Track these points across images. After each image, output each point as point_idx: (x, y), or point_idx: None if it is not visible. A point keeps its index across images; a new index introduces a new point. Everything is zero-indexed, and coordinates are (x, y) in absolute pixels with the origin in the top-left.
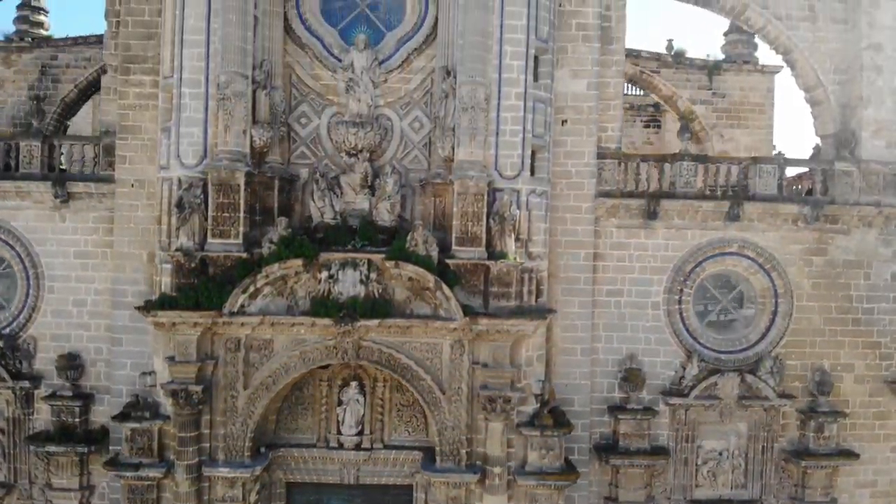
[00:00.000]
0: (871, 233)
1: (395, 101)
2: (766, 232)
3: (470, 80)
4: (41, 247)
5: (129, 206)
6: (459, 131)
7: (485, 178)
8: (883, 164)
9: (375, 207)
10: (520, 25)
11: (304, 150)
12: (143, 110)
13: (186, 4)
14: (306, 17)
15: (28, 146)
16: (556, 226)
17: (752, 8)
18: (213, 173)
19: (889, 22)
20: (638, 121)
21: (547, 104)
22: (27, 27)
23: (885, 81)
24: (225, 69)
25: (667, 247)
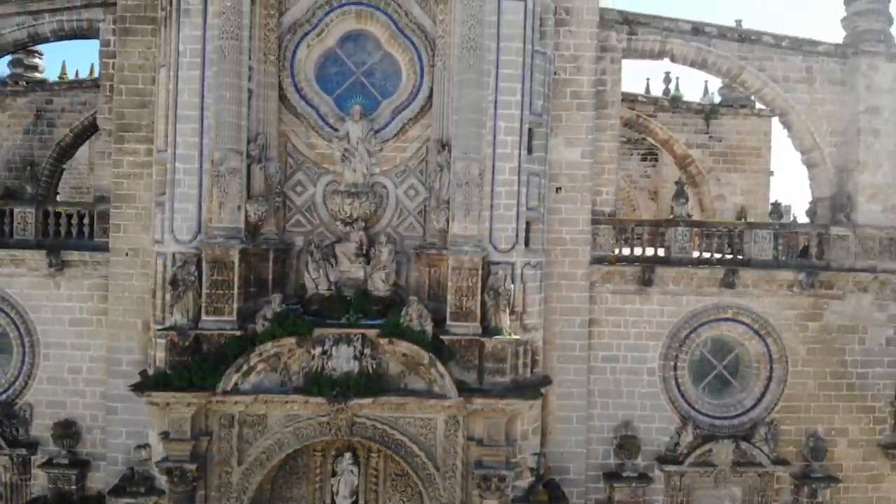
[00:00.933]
0: (866, 298)
1: (390, 169)
2: (762, 297)
3: (464, 156)
4: (36, 314)
5: (123, 274)
6: (454, 206)
7: (479, 252)
8: (879, 228)
9: (370, 277)
10: (514, 101)
11: (299, 218)
12: (137, 179)
13: (180, 79)
14: (301, 86)
15: (22, 213)
16: (551, 292)
17: (748, 70)
18: (208, 250)
19: (887, 85)
20: (635, 154)
21: (541, 176)
22: (21, 70)
23: (882, 145)
24: (219, 146)
25: (662, 312)
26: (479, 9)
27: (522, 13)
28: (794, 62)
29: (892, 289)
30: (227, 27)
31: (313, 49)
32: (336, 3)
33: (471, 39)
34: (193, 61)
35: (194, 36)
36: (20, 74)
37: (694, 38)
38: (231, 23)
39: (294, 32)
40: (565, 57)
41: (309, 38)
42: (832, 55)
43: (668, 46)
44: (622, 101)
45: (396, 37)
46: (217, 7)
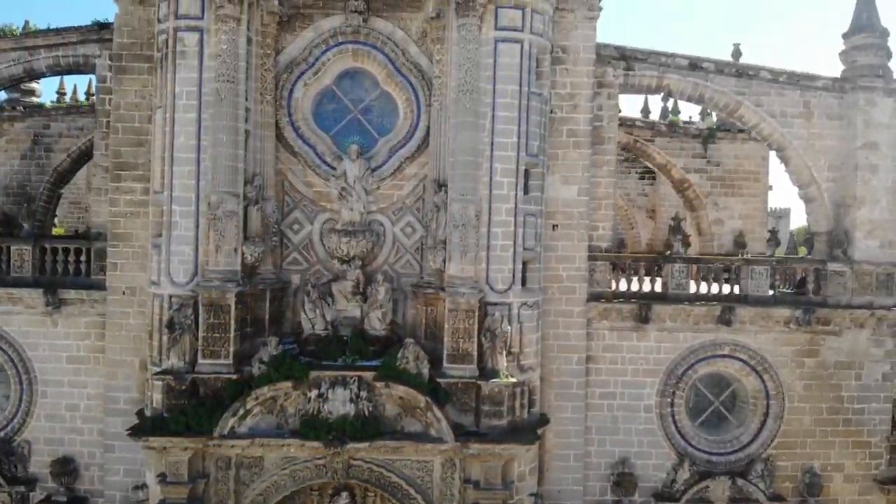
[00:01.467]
0: (862, 333)
1: (387, 206)
2: (759, 334)
3: (461, 197)
4: (34, 352)
5: (120, 313)
6: (451, 247)
7: (476, 294)
8: (876, 264)
9: (367, 316)
10: (510, 143)
11: (296, 256)
12: (134, 217)
13: (177, 121)
14: (298, 125)
15: (19, 250)
16: (548, 330)
17: (745, 105)
18: (204, 294)
19: (885, 120)
20: (633, 172)
21: (538, 216)
22: (18, 95)
23: (879, 181)
24: (216, 189)
25: (659, 349)
26: (475, 51)
27: (518, 55)
28: (791, 97)
29: (888, 324)
30: (224, 70)
31: (310, 87)
32: (333, 42)
33: (467, 83)
34: (190, 104)
35: (190, 78)
36: (17, 99)
37: (691, 73)
38: (228, 65)
39: (291, 71)
40: (562, 95)
41: (306, 77)
42: (830, 90)
43: (665, 82)
44: (619, 126)
45: (393, 76)
46: (213, 49)
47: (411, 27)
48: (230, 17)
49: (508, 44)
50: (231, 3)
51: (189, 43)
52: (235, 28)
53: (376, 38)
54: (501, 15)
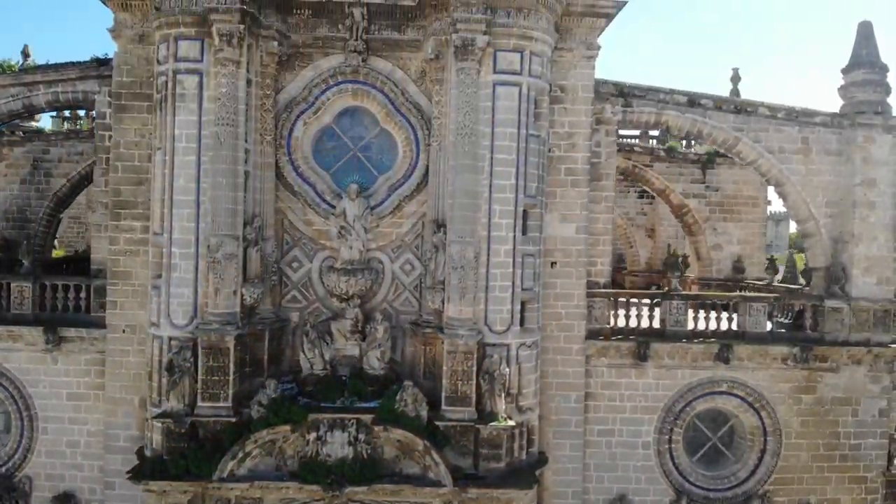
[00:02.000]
0: (859, 370)
1: (386, 244)
2: (756, 371)
3: (460, 239)
4: (34, 388)
5: (119, 351)
6: (450, 288)
7: (474, 335)
8: (873, 301)
9: (366, 355)
10: (509, 185)
11: (295, 294)
12: (133, 256)
13: (176, 164)
14: (298, 164)
15: (19, 287)
16: (546, 367)
17: (743, 142)
18: (203, 337)
19: (884, 157)
20: (632, 191)
21: (536, 256)
22: (18, 120)
23: (877, 218)
24: (215, 232)
25: (657, 386)
26: (473, 95)
27: (517, 99)
28: (790, 133)
29: (885, 361)
30: (224, 113)
31: (310, 126)
32: (333, 81)
33: (466, 126)
34: (189, 146)
35: (190, 121)
36: (17, 124)
37: (689, 109)
38: (227, 109)
39: (291, 111)
40: (560, 134)
41: (305, 116)
42: (828, 126)
43: (664, 118)
44: (618, 152)
45: (393, 115)
46: (213, 92)
47: (410, 67)
48: (230, 60)
49: (507, 87)
50: (230, 47)
51: (188, 86)
52: (235, 71)
53: (375, 78)
54: (500, 58)
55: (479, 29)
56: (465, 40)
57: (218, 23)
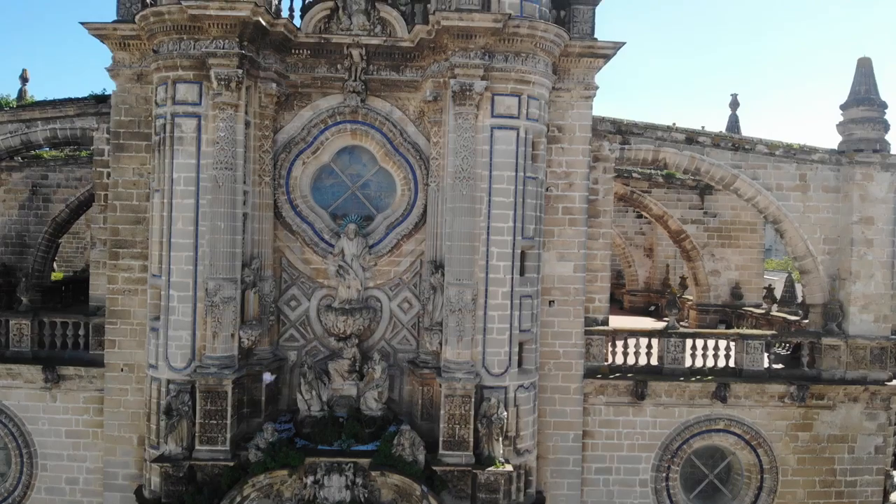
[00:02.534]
0: (856, 407)
1: (384, 282)
2: (753, 408)
3: (457, 282)
4: (33, 425)
5: (118, 389)
6: (447, 331)
7: (472, 379)
8: (870, 338)
9: (363, 395)
10: (506, 227)
11: (293, 332)
12: (132, 295)
13: (174, 207)
14: (296, 203)
15: (18, 324)
16: (544, 406)
17: (741, 179)
18: (201, 381)
19: (881, 195)
20: (630, 211)
21: (534, 297)
22: None
23: (875, 255)
24: (213, 275)
25: (655, 424)
26: (471, 139)
27: (515, 142)
28: (787, 170)
29: (881, 398)
30: (222, 157)
31: (309, 165)
32: (332, 121)
33: (464, 170)
34: (188, 189)
35: (188, 164)
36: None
37: (687, 146)
38: (226, 153)
39: (289, 151)
40: (557, 173)
41: (304, 156)
42: (827, 162)
43: (662, 155)
44: (616, 178)
45: (391, 154)
46: (211, 136)
47: (409, 107)
48: (228, 104)
49: (505, 131)
50: (229, 91)
51: (187, 129)
52: (233, 115)
53: (374, 118)
54: (498, 102)
55: (477, 74)
56: (463, 86)
57: (216, 67)
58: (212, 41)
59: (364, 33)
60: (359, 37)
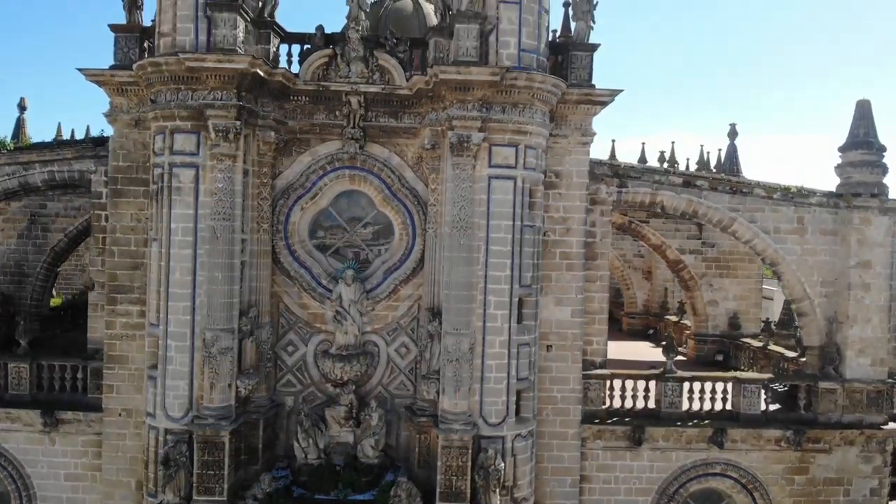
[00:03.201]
0: (852, 451)
1: (382, 327)
2: (750, 452)
3: (455, 332)
4: (32, 468)
5: (116, 434)
6: (445, 380)
7: (470, 430)
8: (866, 382)
9: (360, 443)
10: (504, 276)
11: (290, 378)
12: (130, 340)
13: (172, 257)
14: (294, 249)
15: (17, 368)
16: (541, 452)
17: (739, 222)
18: (199, 432)
19: (879, 239)
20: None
21: (531, 344)
22: None
23: (872, 299)
24: (211, 326)
25: (652, 468)
26: (469, 189)
27: (512, 191)
28: (785, 213)
29: (877, 441)
30: (220, 208)
31: (307, 211)
32: (330, 167)
33: (461, 220)
34: (185, 240)
35: (186, 214)
36: None
37: (685, 190)
38: (224, 204)
39: (288, 196)
40: (555, 219)
41: (303, 201)
42: (824, 206)
43: (659, 198)
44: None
45: (389, 200)
46: (209, 186)
47: (407, 153)
48: (226, 155)
49: (502, 181)
50: (227, 142)
51: (184, 179)
52: (231, 165)
53: (372, 165)
54: (495, 153)
55: (475, 126)
56: (460, 138)
57: (214, 119)
58: (210, 92)
59: (362, 81)
60: (357, 85)
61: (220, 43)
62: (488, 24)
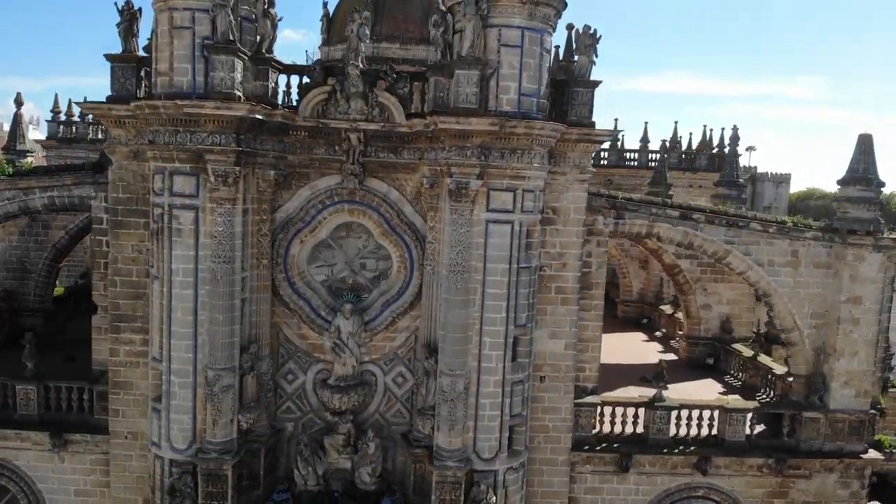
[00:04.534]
0: (831, 477)
1: (379, 357)
2: (733, 478)
3: (450, 372)
4: (43, 484)
5: (123, 455)
6: (440, 418)
7: (463, 466)
8: (849, 412)
9: (358, 470)
10: (499, 318)
11: (290, 405)
12: (133, 367)
13: (174, 296)
14: (294, 281)
15: (24, 390)
16: (532, 477)
17: (734, 254)
18: (203, 465)
19: (871, 275)
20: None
21: (525, 381)
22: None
23: (860, 333)
24: (212, 365)
25: (637, 491)
26: (466, 234)
27: (509, 235)
28: (780, 246)
29: (856, 468)
30: (220, 251)
31: (306, 243)
32: (329, 201)
33: (459, 263)
34: (186, 280)
35: (187, 256)
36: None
37: (681, 222)
38: (224, 247)
39: (287, 230)
40: (551, 254)
41: (302, 234)
42: (820, 240)
43: (656, 230)
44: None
45: (388, 234)
46: (209, 228)
47: (406, 187)
48: (226, 199)
49: (499, 224)
50: (226, 186)
51: (185, 221)
52: (231, 209)
53: (371, 199)
54: (493, 197)
55: (474, 173)
56: (459, 184)
57: (213, 163)
58: (208, 135)
59: (362, 118)
60: (357, 122)
61: (219, 86)
62: (489, 68)
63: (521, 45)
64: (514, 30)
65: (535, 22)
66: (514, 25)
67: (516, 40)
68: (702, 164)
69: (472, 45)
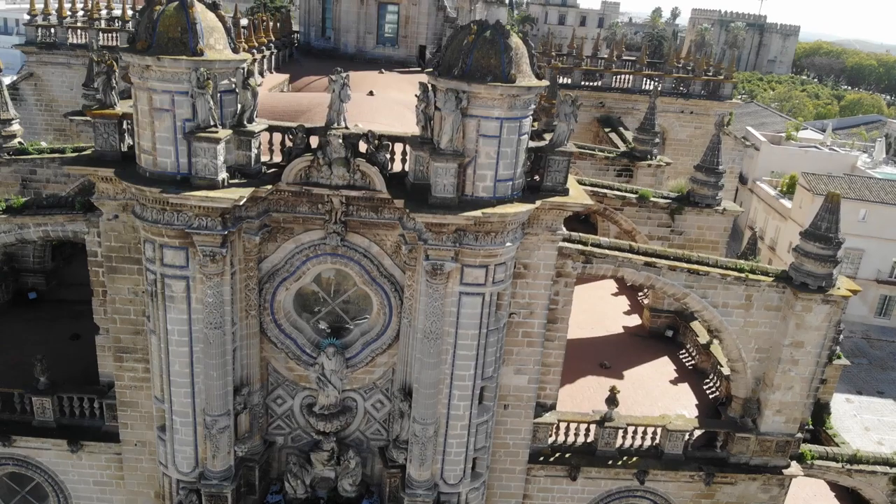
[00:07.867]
0: (754, 484)
1: (360, 387)
2: (667, 483)
3: (422, 421)
4: (65, 476)
5: (135, 458)
6: (412, 455)
7: (431, 494)
8: (777, 434)
9: (341, 480)
10: (468, 375)
11: (280, 423)
12: (138, 390)
13: (171, 353)
14: (280, 322)
15: (40, 401)
16: (493, 482)
17: (691, 297)
18: (205, 489)
19: (816, 323)
20: (611, 170)
21: (490, 420)
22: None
23: (798, 372)
24: (210, 413)
25: (584, 491)
26: (440, 305)
27: (480, 305)
28: (735, 291)
29: (777, 479)
30: (211, 318)
31: (291, 290)
32: (312, 254)
33: (433, 331)
34: (182, 339)
35: (181, 319)
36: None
37: (645, 268)
38: (214, 315)
39: (273, 279)
40: (521, 304)
41: (287, 283)
42: (774, 287)
43: (621, 273)
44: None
45: (369, 284)
46: (200, 295)
47: (386, 242)
48: (214, 273)
49: (472, 297)
50: (214, 263)
51: (177, 289)
52: (220, 281)
53: (353, 254)
54: (467, 273)
55: (449, 255)
56: (434, 266)
57: (200, 244)
58: (195, 216)
59: (344, 185)
60: (339, 188)
61: (202, 171)
62: (466, 157)
63: (499, 135)
64: (493, 121)
65: (515, 111)
66: (493, 117)
67: (495, 131)
68: (696, 91)
69: (451, 139)
